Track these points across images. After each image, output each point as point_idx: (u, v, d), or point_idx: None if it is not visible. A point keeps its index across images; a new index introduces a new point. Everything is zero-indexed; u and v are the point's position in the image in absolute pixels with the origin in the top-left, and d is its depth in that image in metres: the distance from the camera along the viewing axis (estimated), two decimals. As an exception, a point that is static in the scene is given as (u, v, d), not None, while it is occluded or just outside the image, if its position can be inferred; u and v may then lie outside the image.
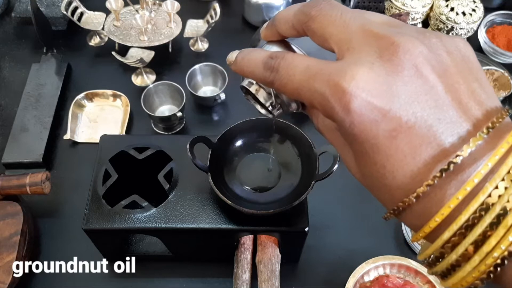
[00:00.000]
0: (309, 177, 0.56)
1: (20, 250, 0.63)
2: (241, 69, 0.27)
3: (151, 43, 0.87)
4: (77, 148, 0.80)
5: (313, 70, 0.23)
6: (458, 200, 0.20)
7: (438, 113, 0.20)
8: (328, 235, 0.71)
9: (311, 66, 0.23)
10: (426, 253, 0.22)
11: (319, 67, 0.22)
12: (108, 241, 0.63)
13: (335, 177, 0.54)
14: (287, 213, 0.54)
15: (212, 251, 0.66)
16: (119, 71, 0.90)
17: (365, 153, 0.22)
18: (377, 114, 0.20)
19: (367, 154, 0.21)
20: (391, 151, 0.21)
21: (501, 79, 0.85)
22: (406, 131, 0.20)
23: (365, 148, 0.21)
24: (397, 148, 0.20)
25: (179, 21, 0.90)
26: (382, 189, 0.22)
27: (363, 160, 0.22)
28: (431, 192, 0.20)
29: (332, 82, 0.21)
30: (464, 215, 0.20)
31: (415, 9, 0.94)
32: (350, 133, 0.21)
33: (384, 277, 0.64)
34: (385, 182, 0.22)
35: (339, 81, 0.21)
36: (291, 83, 0.23)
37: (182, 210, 0.58)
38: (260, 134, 0.61)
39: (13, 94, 0.85)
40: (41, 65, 0.88)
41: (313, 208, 0.59)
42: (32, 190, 0.65)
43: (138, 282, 0.67)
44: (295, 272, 0.68)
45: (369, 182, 0.23)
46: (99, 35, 0.94)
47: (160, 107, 0.84)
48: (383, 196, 0.23)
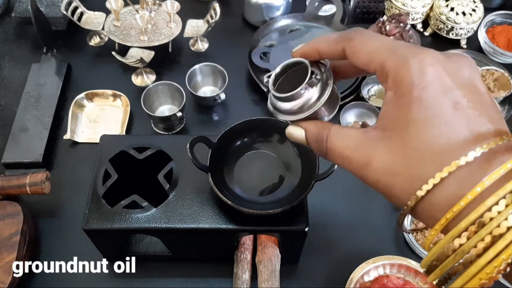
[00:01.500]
0: (309, 177, 0.56)
1: (20, 250, 0.63)
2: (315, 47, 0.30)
3: (151, 43, 0.87)
4: (77, 148, 0.80)
5: (393, 45, 0.26)
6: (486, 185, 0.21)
7: (482, 107, 0.24)
8: (328, 235, 0.71)
9: (389, 44, 0.26)
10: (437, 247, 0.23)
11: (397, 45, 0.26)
12: (108, 241, 0.63)
13: (335, 177, 0.54)
14: (287, 213, 0.54)
15: (212, 251, 0.66)
16: (119, 71, 0.90)
17: (425, 119, 0.23)
18: (447, 86, 0.23)
19: (427, 120, 0.23)
20: (452, 118, 0.23)
21: (501, 79, 0.85)
22: (465, 108, 0.23)
23: (427, 114, 0.23)
24: (456, 118, 0.23)
25: (179, 21, 0.90)
26: (429, 157, 0.23)
27: (419, 128, 0.23)
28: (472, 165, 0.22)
29: (414, 51, 0.24)
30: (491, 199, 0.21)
31: (415, 9, 0.94)
32: (418, 97, 0.23)
33: (384, 277, 0.64)
34: (436, 147, 0.23)
35: (420, 52, 0.24)
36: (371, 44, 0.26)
37: (182, 210, 0.58)
38: (260, 134, 0.62)
39: (13, 94, 0.85)
40: (41, 65, 0.88)
41: (313, 208, 0.59)
42: (32, 190, 0.65)
43: (138, 282, 0.67)
44: (295, 272, 0.68)
45: (413, 152, 0.24)
46: (99, 35, 0.95)
47: (160, 107, 0.84)
48: (425, 164, 0.23)
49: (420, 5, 0.94)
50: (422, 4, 0.94)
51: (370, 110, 0.82)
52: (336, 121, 0.81)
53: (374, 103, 0.82)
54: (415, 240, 0.68)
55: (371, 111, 0.82)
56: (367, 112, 0.82)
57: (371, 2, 0.96)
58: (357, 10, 0.97)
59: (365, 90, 0.86)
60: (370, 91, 0.87)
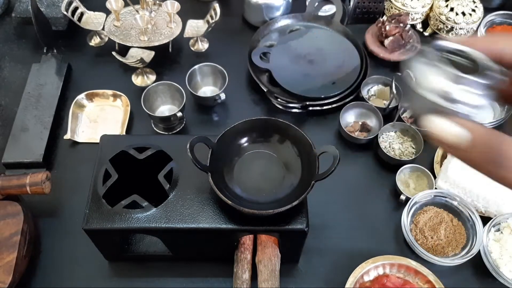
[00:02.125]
0: (309, 177, 0.56)
1: (20, 250, 0.63)
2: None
3: (151, 43, 0.87)
4: (77, 148, 0.80)
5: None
6: None
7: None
8: (328, 235, 0.71)
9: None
10: None
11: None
12: (108, 241, 0.63)
13: (335, 177, 0.54)
14: (287, 213, 0.55)
15: (212, 251, 0.66)
16: (119, 71, 0.90)
17: None
18: None
19: None
20: None
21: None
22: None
23: None
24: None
25: (179, 21, 0.90)
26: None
27: None
28: None
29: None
30: None
31: (415, 9, 0.94)
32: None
33: (384, 277, 0.64)
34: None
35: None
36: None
37: (182, 210, 0.58)
38: (260, 134, 0.62)
39: (14, 94, 0.85)
40: (42, 65, 0.88)
41: (313, 208, 0.59)
42: (33, 190, 0.65)
43: (138, 282, 0.67)
44: (295, 272, 0.68)
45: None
46: (99, 35, 0.95)
47: (160, 107, 0.84)
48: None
49: (419, 5, 0.94)
50: (421, 4, 0.94)
51: (370, 110, 0.82)
52: (335, 121, 0.81)
53: (374, 103, 0.82)
54: (415, 240, 0.68)
55: (371, 111, 0.82)
56: (367, 112, 0.82)
57: (371, 2, 0.96)
58: (357, 10, 0.97)
59: (365, 90, 0.86)
60: (370, 91, 0.87)
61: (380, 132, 0.78)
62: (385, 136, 0.80)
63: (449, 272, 0.67)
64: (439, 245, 0.68)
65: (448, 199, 0.72)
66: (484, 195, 0.70)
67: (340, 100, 0.84)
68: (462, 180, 0.71)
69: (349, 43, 0.91)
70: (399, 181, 0.74)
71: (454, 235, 0.69)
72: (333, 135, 0.83)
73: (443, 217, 0.71)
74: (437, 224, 0.70)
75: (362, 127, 0.81)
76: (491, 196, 0.69)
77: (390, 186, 0.76)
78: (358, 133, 0.81)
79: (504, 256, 0.67)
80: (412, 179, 0.76)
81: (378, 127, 0.80)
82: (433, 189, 0.73)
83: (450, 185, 0.72)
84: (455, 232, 0.70)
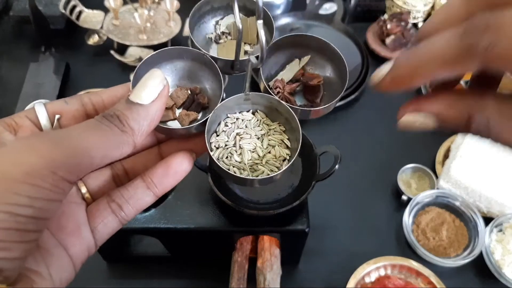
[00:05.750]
0: (310, 177, 0.55)
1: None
2: (413, 69, 0.21)
3: (150, 42, 0.86)
4: (75, 147, 0.79)
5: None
6: None
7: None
8: (329, 235, 0.71)
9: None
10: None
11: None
12: (107, 241, 0.62)
13: (336, 178, 0.53)
14: (287, 213, 0.54)
15: (212, 251, 0.66)
16: (118, 70, 0.89)
17: None
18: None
19: None
20: None
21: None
22: None
23: None
24: None
25: (178, 20, 0.90)
26: None
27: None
28: None
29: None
30: None
31: (416, 7, 0.93)
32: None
33: (385, 278, 0.64)
34: None
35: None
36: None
37: (182, 210, 0.57)
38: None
39: (11, 94, 0.85)
40: (40, 64, 0.87)
41: (313, 208, 0.58)
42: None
43: (137, 283, 0.67)
44: (296, 273, 0.68)
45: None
46: (97, 34, 0.94)
47: (159, 107, 0.83)
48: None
49: (421, 4, 0.93)
50: (423, 3, 0.93)
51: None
52: (336, 120, 0.80)
53: (375, 103, 0.81)
54: (416, 240, 0.67)
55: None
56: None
57: (372, 1, 0.95)
58: (358, 9, 0.96)
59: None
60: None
61: (381, 131, 0.78)
62: (386, 135, 0.79)
63: (451, 273, 0.67)
64: (441, 246, 0.68)
65: (450, 199, 0.71)
66: (486, 195, 0.69)
67: (341, 99, 0.83)
68: (464, 180, 0.70)
69: (350, 42, 0.91)
70: (400, 181, 0.73)
71: (456, 236, 0.69)
72: (333, 135, 0.82)
73: (445, 217, 0.70)
74: (439, 224, 0.69)
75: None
76: (493, 196, 0.69)
77: (392, 186, 0.75)
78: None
79: (506, 257, 0.66)
80: (414, 179, 0.75)
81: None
82: (435, 189, 0.72)
83: (452, 185, 0.71)
84: (457, 232, 0.69)
